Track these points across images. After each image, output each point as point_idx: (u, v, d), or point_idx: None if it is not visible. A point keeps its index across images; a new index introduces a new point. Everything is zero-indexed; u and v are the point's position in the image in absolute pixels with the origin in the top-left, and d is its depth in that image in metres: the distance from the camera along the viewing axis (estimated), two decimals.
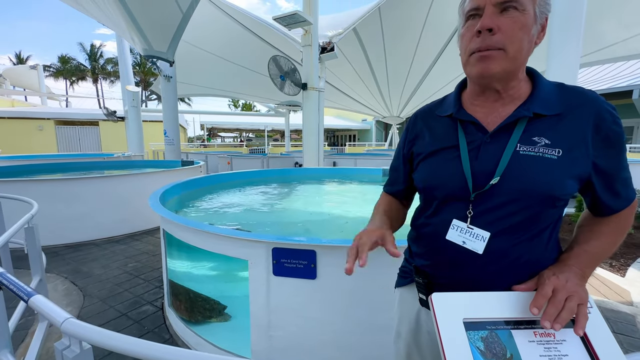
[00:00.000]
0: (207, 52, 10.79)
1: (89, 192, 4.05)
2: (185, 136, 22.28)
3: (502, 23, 0.61)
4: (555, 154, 0.63)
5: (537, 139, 0.64)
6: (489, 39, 0.61)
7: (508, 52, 0.62)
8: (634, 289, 2.62)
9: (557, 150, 0.63)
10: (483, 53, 0.63)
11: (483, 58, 0.63)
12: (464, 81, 0.78)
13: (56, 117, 16.05)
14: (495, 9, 0.61)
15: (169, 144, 6.92)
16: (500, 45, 0.61)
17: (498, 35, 0.61)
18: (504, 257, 0.67)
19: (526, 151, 0.64)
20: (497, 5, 0.61)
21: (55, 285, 2.78)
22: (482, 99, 0.71)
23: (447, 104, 0.78)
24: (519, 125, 0.66)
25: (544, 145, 0.64)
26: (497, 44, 0.61)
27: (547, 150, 0.63)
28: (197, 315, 1.99)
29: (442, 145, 0.74)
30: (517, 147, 0.65)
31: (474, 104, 0.73)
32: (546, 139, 0.64)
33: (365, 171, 5.49)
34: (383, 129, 25.63)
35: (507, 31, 0.61)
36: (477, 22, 0.63)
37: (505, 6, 0.61)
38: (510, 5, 0.61)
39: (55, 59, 32.62)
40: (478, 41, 0.63)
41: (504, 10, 0.61)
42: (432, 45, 9.62)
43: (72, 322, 0.73)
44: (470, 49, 0.64)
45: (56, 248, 3.73)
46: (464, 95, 0.76)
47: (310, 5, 5.42)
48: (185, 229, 1.82)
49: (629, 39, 7.08)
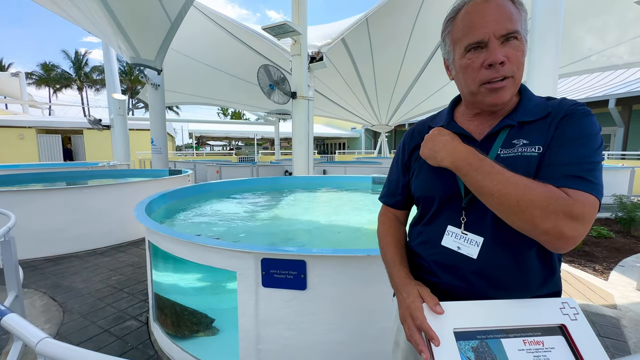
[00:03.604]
0: (196, 61, 10.77)
1: (71, 203, 3.91)
2: (173, 145, 21.97)
3: (507, 53, 0.64)
4: (536, 151, 0.65)
5: (516, 142, 0.68)
6: (501, 70, 0.64)
7: (516, 79, 0.67)
8: (617, 292, 2.69)
9: (536, 147, 0.65)
10: (495, 85, 0.65)
11: (496, 90, 0.66)
12: (457, 98, 0.82)
13: (38, 126, 15.61)
14: (499, 40, 0.64)
15: (156, 152, 6.80)
16: (510, 74, 0.65)
17: (507, 65, 0.64)
18: (499, 261, 0.68)
19: (507, 154, 0.67)
20: (500, 38, 0.64)
21: (33, 301, 2.66)
22: (477, 116, 0.76)
23: (440, 118, 0.83)
24: (501, 133, 0.70)
25: (522, 145, 0.67)
26: (507, 73, 0.65)
27: (526, 149, 0.66)
28: (184, 330, 1.92)
29: None
30: (499, 151, 0.68)
31: (467, 120, 0.77)
32: (524, 140, 0.67)
33: (356, 179, 5.51)
34: (372, 137, 25.95)
35: (513, 60, 0.65)
36: (480, 53, 0.65)
37: (508, 37, 0.64)
38: (512, 36, 0.64)
39: (38, 66, 31.60)
40: (490, 73, 0.65)
41: (506, 40, 0.64)
42: (418, 56, 9.87)
43: (48, 343, 0.69)
44: (481, 80, 0.66)
45: (35, 262, 3.57)
46: (457, 111, 0.81)
47: (299, 15, 5.49)
48: (171, 240, 1.77)
49: (603, 51, 7.44)
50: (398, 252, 0.84)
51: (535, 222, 0.56)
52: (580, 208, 0.56)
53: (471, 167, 0.63)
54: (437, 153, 0.70)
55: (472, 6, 0.66)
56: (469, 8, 0.67)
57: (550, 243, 0.58)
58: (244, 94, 12.78)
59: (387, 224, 0.91)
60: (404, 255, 0.83)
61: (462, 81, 0.71)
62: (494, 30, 0.63)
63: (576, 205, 0.56)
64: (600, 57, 7.65)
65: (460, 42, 0.68)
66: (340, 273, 1.47)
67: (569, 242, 0.56)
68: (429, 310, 0.65)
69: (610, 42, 7.16)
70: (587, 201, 0.57)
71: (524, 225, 0.59)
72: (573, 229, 0.55)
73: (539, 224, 0.56)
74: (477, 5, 0.65)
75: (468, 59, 0.67)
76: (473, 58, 0.66)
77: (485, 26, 0.64)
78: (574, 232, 0.55)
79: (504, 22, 0.63)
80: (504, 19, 0.63)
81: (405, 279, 0.75)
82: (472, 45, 0.66)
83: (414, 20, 8.37)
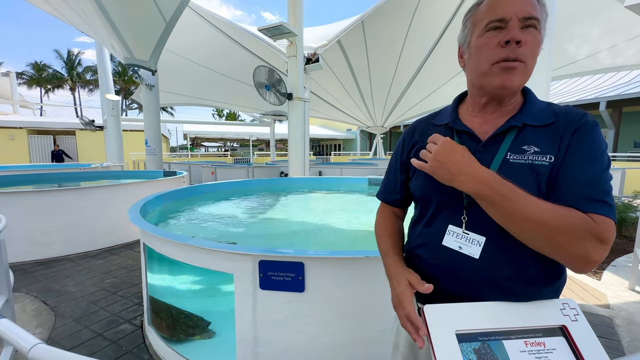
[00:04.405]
0: (192, 62, 10.69)
1: (63, 205, 3.85)
2: (167, 146, 21.78)
3: (525, 38, 0.64)
4: (547, 160, 0.65)
5: (526, 147, 0.67)
6: (516, 50, 0.64)
7: (527, 66, 0.66)
8: (609, 292, 2.73)
9: (547, 156, 0.65)
10: (509, 64, 0.64)
11: (508, 69, 0.65)
12: (461, 95, 0.82)
13: (29, 126, 15.35)
14: (520, 23, 0.64)
15: (150, 154, 6.73)
16: (524, 58, 0.64)
17: (524, 48, 0.64)
18: (501, 261, 0.68)
19: (516, 159, 0.67)
20: (522, 20, 0.64)
21: (24, 306, 2.60)
22: (481, 112, 0.75)
23: (444, 114, 0.82)
24: (509, 135, 0.69)
25: (534, 152, 0.66)
26: (522, 56, 0.64)
27: (537, 157, 0.66)
28: (180, 333, 1.90)
29: None
30: (507, 155, 0.68)
31: (471, 116, 0.76)
32: (535, 147, 0.66)
33: (352, 180, 5.51)
34: (367, 138, 26.02)
35: (529, 46, 0.64)
36: (499, 33, 0.65)
37: (528, 23, 0.64)
38: (532, 23, 0.64)
39: (29, 66, 31.01)
40: (506, 51, 0.64)
41: (526, 27, 0.64)
42: (413, 58, 9.93)
43: (41, 349, 0.68)
44: (495, 58, 0.65)
45: (25, 265, 3.50)
46: (461, 107, 0.80)
47: (295, 17, 5.49)
48: (166, 242, 1.75)
49: (595, 54, 7.57)
50: (391, 242, 0.86)
51: (565, 248, 0.58)
52: (607, 234, 0.58)
53: (495, 193, 0.61)
54: (454, 176, 0.65)
55: None
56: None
57: (576, 266, 0.60)
58: (239, 95, 12.73)
59: (384, 219, 0.93)
60: (398, 244, 0.86)
61: (475, 62, 0.70)
62: (517, 11, 0.64)
63: (604, 231, 0.57)
64: (591, 60, 7.78)
65: (481, 22, 0.68)
66: (338, 274, 1.46)
67: (593, 265, 0.59)
68: (431, 311, 0.65)
69: (601, 46, 7.29)
70: (610, 226, 0.59)
71: (550, 251, 0.61)
72: (599, 253, 0.58)
73: (568, 250, 0.58)
74: None
75: (486, 37, 0.67)
76: (491, 37, 0.66)
77: (509, 5, 0.64)
78: (599, 257, 0.58)
79: (527, 6, 0.64)
80: (528, 4, 0.64)
81: (395, 267, 0.78)
82: (493, 22, 0.66)
83: (409, 22, 8.42)
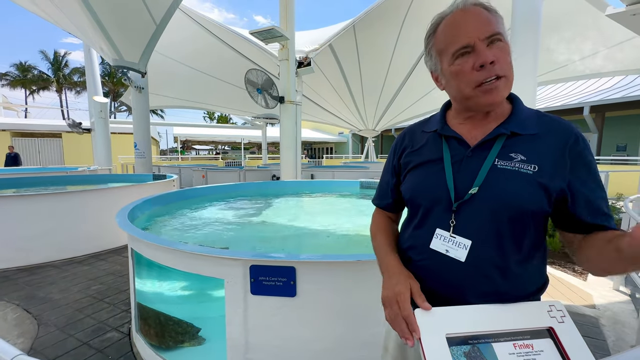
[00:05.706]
0: (182, 64, 10.60)
1: (48, 209, 3.74)
2: (157, 149, 21.47)
3: (495, 55, 0.65)
4: (531, 170, 0.67)
5: (513, 155, 0.69)
6: (493, 69, 0.65)
7: (508, 78, 0.68)
8: (595, 292, 2.79)
9: (532, 166, 0.67)
10: (491, 85, 0.66)
11: (490, 90, 0.67)
12: (448, 102, 0.83)
13: (13, 129, 14.94)
14: (484, 43, 0.66)
15: (139, 157, 6.62)
16: (503, 72, 0.66)
17: (498, 65, 0.66)
18: (486, 264, 0.69)
19: (504, 165, 0.69)
20: (484, 40, 0.66)
21: (5, 314, 2.51)
22: (469, 119, 0.76)
23: (433, 121, 0.84)
24: (497, 142, 0.71)
25: (520, 160, 0.68)
26: (499, 72, 0.66)
27: (522, 166, 0.68)
28: (168, 340, 1.86)
29: (428, 158, 0.78)
30: (495, 161, 0.69)
31: (459, 122, 0.78)
32: (522, 155, 0.68)
33: (344, 184, 5.53)
34: (359, 141, 26.19)
35: (502, 61, 0.66)
36: (469, 58, 0.66)
37: (492, 39, 0.66)
38: (495, 38, 0.66)
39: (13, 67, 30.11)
40: (483, 74, 0.66)
41: (491, 43, 0.66)
42: (404, 62, 10.07)
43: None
44: (475, 82, 0.67)
45: (7, 272, 3.39)
46: (449, 114, 0.82)
47: (287, 20, 5.51)
48: (155, 247, 1.72)
49: (578, 60, 7.81)
50: (388, 241, 0.87)
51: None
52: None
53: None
54: None
55: (450, 18, 0.69)
56: (448, 21, 0.69)
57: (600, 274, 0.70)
58: (230, 97, 12.66)
59: (379, 222, 0.94)
60: (394, 244, 0.86)
61: (455, 88, 0.72)
62: (478, 34, 0.65)
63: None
64: (575, 66, 8.03)
65: (447, 51, 0.70)
66: (330, 279, 1.46)
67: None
68: (422, 314, 0.65)
69: (585, 53, 7.52)
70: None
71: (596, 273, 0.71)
72: None
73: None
74: (455, 16, 0.68)
75: (457, 65, 0.68)
76: (462, 63, 0.67)
77: (467, 32, 0.66)
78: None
79: (484, 26, 0.66)
80: (484, 23, 0.66)
81: (397, 267, 0.77)
82: (459, 50, 0.67)
83: (400, 27, 8.54)
